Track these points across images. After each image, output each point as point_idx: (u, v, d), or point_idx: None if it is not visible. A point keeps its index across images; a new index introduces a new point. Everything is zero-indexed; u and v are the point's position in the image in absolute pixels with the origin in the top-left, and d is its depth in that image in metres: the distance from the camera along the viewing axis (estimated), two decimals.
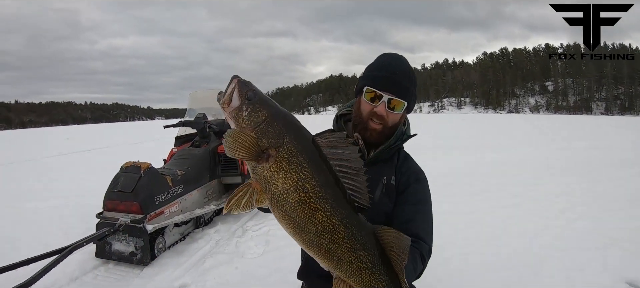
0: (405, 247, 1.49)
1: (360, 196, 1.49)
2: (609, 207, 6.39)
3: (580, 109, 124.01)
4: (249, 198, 1.46)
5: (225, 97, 1.49)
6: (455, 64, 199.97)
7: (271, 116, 1.46)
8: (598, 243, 4.88)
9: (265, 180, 1.43)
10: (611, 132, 21.50)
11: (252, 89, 1.50)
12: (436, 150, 14.68)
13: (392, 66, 1.91)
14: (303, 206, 1.42)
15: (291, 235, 1.49)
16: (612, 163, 10.48)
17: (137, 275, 4.65)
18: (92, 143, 23.43)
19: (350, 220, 1.47)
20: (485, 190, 8.05)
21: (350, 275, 1.51)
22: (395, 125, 1.95)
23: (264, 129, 1.44)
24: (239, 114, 1.46)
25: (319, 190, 1.42)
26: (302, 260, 2.23)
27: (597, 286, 3.90)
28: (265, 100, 1.51)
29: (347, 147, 1.48)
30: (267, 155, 1.42)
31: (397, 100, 1.87)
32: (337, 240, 1.45)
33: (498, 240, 5.14)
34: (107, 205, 4.98)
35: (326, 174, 1.45)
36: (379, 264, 1.51)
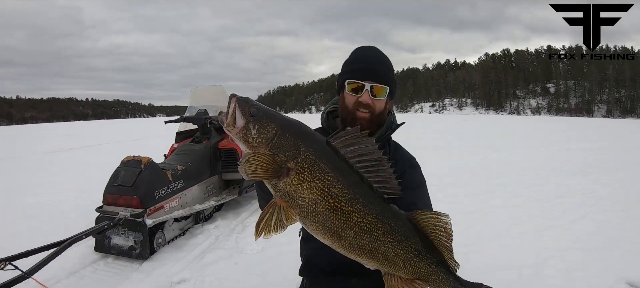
0: (447, 226, 1.49)
1: (389, 186, 1.46)
2: (610, 208, 6.38)
3: (582, 111, 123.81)
4: (277, 219, 1.40)
5: (228, 118, 1.44)
6: (457, 65, 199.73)
7: (281, 128, 1.42)
8: (599, 244, 4.87)
9: (290, 195, 1.39)
10: (612, 135, 21.42)
11: (253, 104, 1.46)
12: (438, 150, 14.74)
13: (368, 57, 1.96)
14: (335, 212, 1.39)
15: (330, 244, 1.46)
16: (613, 165, 10.47)
17: (136, 269, 4.63)
18: (93, 139, 23.43)
19: (386, 213, 1.45)
20: (487, 190, 8.05)
21: (399, 267, 1.49)
22: (382, 112, 1.97)
23: (278, 143, 1.40)
24: (247, 133, 1.41)
25: (347, 191, 1.39)
26: (302, 257, 2.22)
27: (597, 287, 3.88)
28: (270, 112, 1.47)
29: (363, 141, 1.45)
30: (286, 170, 1.38)
31: (379, 86, 1.90)
32: (378, 237, 1.43)
33: (499, 240, 5.13)
34: (107, 199, 4.98)
35: (350, 174, 1.42)
36: (424, 249, 1.49)
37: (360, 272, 1.71)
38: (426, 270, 1.50)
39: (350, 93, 1.92)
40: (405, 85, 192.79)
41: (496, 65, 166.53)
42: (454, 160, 12.46)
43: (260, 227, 1.41)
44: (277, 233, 1.40)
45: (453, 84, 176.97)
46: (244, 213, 6.62)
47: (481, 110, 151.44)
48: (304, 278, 2.26)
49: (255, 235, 1.42)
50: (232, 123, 1.43)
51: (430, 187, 2.02)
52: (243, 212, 6.70)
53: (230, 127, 1.43)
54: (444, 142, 18.52)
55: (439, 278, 1.52)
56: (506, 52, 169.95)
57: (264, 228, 1.41)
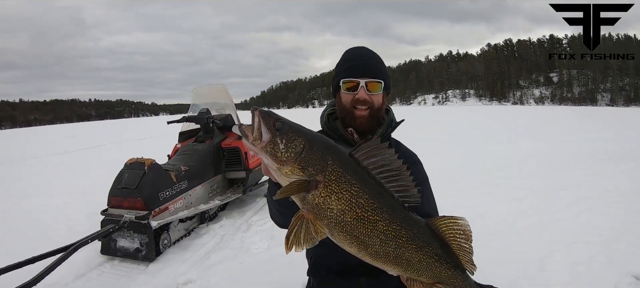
0: (465, 228, 1.54)
1: (409, 194, 1.50)
2: (615, 200, 6.33)
3: (585, 100, 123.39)
4: (306, 232, 1.44)
5: (254, 133, 1.44)
6: (459, 56, 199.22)
7: (308, 142, 1.44)
8: (604, 237, 4.84)
9: (319, 207, 1.42)
10: (617, 124, 21.33)
11: (277, 118, 1.46)
12: (440, 143, 14.74)
13: (359, 55, 2.02)
14: (363, 221, 1.42)
15: (356, 252, 1.49)
16: (617, 156, 10.39)
17: (142, 271, 4.66)
18: (97, 140, 23.50)
19: (408, 221, 1.49)
20: (490, 183, 8.04)
21: (421, 273, 1.53)
22: (380, 107, 2.02)
23: (306, 158, 1.41)
24: (275, 147, 1.41)
25: (373, 201, 1.43)
26: (309, 259, 2.25)
27: (603, 280, 3.87)
28: (295, 126, 1.49)
29: (383, 152, 1.48)
30: (315, 183, 1.41)
31: (374, 82, 1.96)
32: (402, 244, 1.47)
33: (503, 234, 5.12)
34: (112, 202, 5.01)
35: (373, 184, 1.45)
36: (444, 253, 1.54)
37: (368, 271, 1.76)
38: (446, 273, 1.55)
39: (346, 92, 1.98)
40: (407, 77, 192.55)
41: (499, 55, 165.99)
42: (456, 153, 12.46)
43: (291, 240, 1.44)
44: (308, 247, 1.43)
45: (456, 75, 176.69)
46: (249, 211, 6.64)
47: (484, 101, 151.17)
48: (311, 278, 2.28)
49: (286, 248, 1.44)
50: (258, 137, 1.43)
51: (433, 181, 2.07)
52: (248, 210, 6.72)
53: (257, 142, 1.43)
54: (446, 134, 18.52)
55: (457, 281, 1.57)
56: (508, 42, 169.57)
57: (294, 242, 1.44)
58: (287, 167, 1.42)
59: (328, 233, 1.46)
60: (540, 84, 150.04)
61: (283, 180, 1.47)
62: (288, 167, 1.42)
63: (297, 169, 1.41)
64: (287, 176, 1.44)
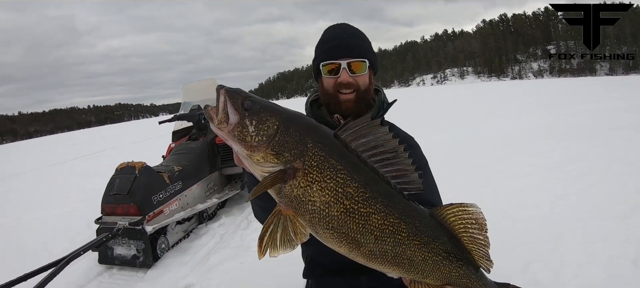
0: (477, 216, 1.30)
1: (408, 180, 1.28)
2: (627, 171, 6.10)
3: (584, 71, 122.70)
4: (284, 232, 1.22)
5: (219, 115, 1.21)
6: (455, 34, 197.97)
7: (283, 122, 1.22)
8: (619, 211, 4.64)
9: (298, 200, 1.20)
10: (618, 93, 21.05)
11: (247, 96, 1.24)
12: (440, 123, 14.52)
13: (338, 33, 1.81)
14: (352, 215, 1.20)
15: (347, 253, 1.27)
16: (622, 125, 10.14)
17: (141, 278, 4.53)
18: (97, 146, 23.36)
19: (409, 213, 1.27)
20: (496, 160, 7.82)
21: (427, 273, 1.31)
22: (367, 88, 1.81)
23: (281, 141, 1.19)
24: (244, 130, 1.19)
25: (364, 190, 1.20)
26: (305, 259, 2.05)
27: (621, 258, 3.67)
28: (269, 105, 1.27)
29: (375, 131, 1.26)
30: (292, 171, 1.19)
31: (356, 61, 1.75)
32: (402, 241, 1.25)
33: (513, 214, 4.92)
34: (105, 210, 4.84)
35: (364, 170, 1.23)
36: (454, 249, 1.32)
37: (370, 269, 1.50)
38: (457, 273, 1.33)
39: (328, 76, 1.77)
40: (404, 59, 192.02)
41: (495, 31, 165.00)
42: (457, 132, 12.21)
43: (265, 242, 1.21)
44: (284, 252, 1.21)
45: (453, 54, 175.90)
46: (249, 207, 6.42)
47: (483, 78, 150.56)
48: (309, 280, 2.09)
49: (259, 253, 1.22)
50: (223, 120, 1.21)
51: (433, 163, 1.85)
52: (248, 206, 6.52)
53: (223, 125, 1.21)
54: (446, 114, 18.28)
55: (470, 281, 1.35)
56: (504, 17, 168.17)
57: (269, 244, 1.21)
58: (259, 153, 1.20)
59: (312, 231, 1.24)
60: (538, 57, 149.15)
61: (256, 170, 1.24)
62: (259, 153, 1.20)
63: (270, 155, 1.19)
64: (259, 164, 1.21)
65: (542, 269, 3.65)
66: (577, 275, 3.50)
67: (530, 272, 3.62)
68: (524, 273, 3.60)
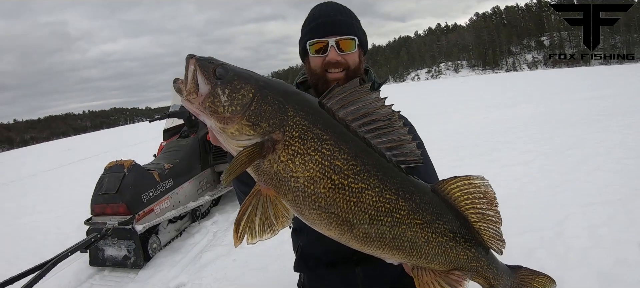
0: (485, 189, 1.16)
1: (406, 151, 1.13)
2: (628, 155, 6.01)
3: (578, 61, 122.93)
4: (264, 215, 1.06)
5: (188, 86, 1.06)
6: (449, 28, 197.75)
7: (260, 90, 1.06)
8: (621, 195, 4.54)
9: (278, 177, 1.04)
10: (613, 81, 20.96)
11: (219, 63, 1.08)
12: (437, 115, 14.42)
13: (325, 10, 1.67)
14: (342, 192, 1.05)
15: (338, 236, 1.11)
16: (619, 112, 10.03)
17: (132, 279, 4.39)
18: (92, 150, 23.16)
19: (408, 188, 1.11)
20: (494, 149, 7.71)
21: (431, 257, 1.16)
22: (357, 67, 1.66)
23: (258, 110, 1.04)
24: (215, 101, 1.04)
25: (355, 163, 1.05)
26: (296, 251, 1.91)
27: (626, 242, 3.54)
28: (243, 71, 1.11)
29: (365, 97, 1.10)
30: (271, 143, 1.03)
31: (345, 39, 1.61)
32: (401, 220, 1.10)
33: (513, 201, 4.80)
34: (95, 210, 4.71)
35: (354, 140, 1.08)
36: (460, 229, 1.17)
37: (365, 259, 1.42)
38: (465, 255, 1.18)
39: (315, 55, 1.63)
40: (399, 54, 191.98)
41: (488, 24, 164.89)
42: (454, 122, 12.13)
43: (242, 227, 1.06)
44: (264, 238, 1.06)
45: (446, 48, 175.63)
46: None
47: (477, 71, 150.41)
48: (301, 274, 1.96)
49: (235, 239, 1.07)
50: (193, 91, 1.05)
51: (432, 153, 1.71)
52: None
53: (192, 96, 1.06)
54: (442, 106, 18.17)
55: (480, 264, 1.21)
56: (496, 10, 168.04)
57: (246, 229, 1.06)
58: (233, 125, 1.04)
59: (297, 212, 1.08)
60: (532, 49, 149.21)
61: (231, 146, 1.08)
62: (234, 125, 1.04)
63: (245, 127, 1.04)
64: (234, 138, 1.05)
65: (547, 255, 3.52)
66: (584, 260, 3.38)
67: (535, 258, 3.49)
68: (527, 260, 3.46)
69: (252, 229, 1.05)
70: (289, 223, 1.10)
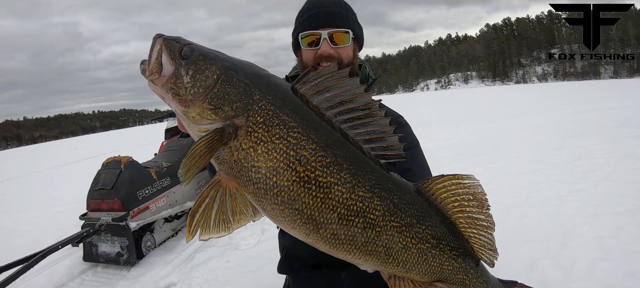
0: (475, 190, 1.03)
1: (386, 144, 1.00)
2: (636, 167, 5.87)
3: (589, 74, 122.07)
4: (220, 209, 0.96)
5: (151, 65, 0.97)
6: (459, 39, 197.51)
7: (225, 71, 0.96)
8: (630, 206, 4.40)
9: (239, 165, 0.93)
10: (624, 94, 20.72)
11: (186, 43, 0.98)
12: (445, 123, 14.28)
13: (319, 1, 1.57)
14: (307, 185, 0.92)
15: (303, 236, 0.98)
16: (629, 123, 9.89)
17: (123, 276, 4.31)
18: (99, 150, 23.23)
19: (385, 185, 0.98)
20: (501, 158, 7.55)
21: (410, 266, 1.02)
22: (351, 62, 1.55)
23: (221, 92, 0.93)
24: (178, 82, 0.94)
25: (324, 154, 0.93)
26: (281, 251, 1.80)
27: (635, 254, 3.42)
28: (210, 52, 1.00)
29: (343, 83, 0.98)
30: (232, 128, 0.92)
31: (339, 32, 1.51)
32: (375, 221, 0.96)
33: (519, 210, 4.68)
34: (91, 205, 4.64)
35: (327, 130, 0.96)
36: (445, 235, 1.03)
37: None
38: (450, 266, 1.04)
39: (308, 48, 1.53)
40: (408, 64, 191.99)
41: (498, 35, 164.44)
42: (462, 131, 11.99)
43: (196, 220, 0.95)
44: (218, 236, 0.95)
45: (456, 58, 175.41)
46: None
47: (487, 82, 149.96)
48: (287, 277, 1.85)
49: (187, 233, 0.96)
50: (156, 71, 0.96)
51: (440, 160, 1.57)
52: None
53: (154, 76, 0.96)
54: (451, 115, 18.03)
55: (468, 277, 1.06)
56: (507, 21, 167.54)
57: (201, 223, 0.95)
58: (194, 109, 0.93)
59: (259, 207, 0.96)
60: (542, 61, 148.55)
61: (193, 131, 0.97)
62: (195, 109, 0.93)
63: (207, 110, 0.93)
64: (195, 123, 0.94)
65: (551, 266, 3.39)
66: (590, 272, 3.24)
67: (538, 269, 3.36)
68: (531, 271, 3.34)
69: (207, 224, 0.95)
70: (246, 223, 0.99)
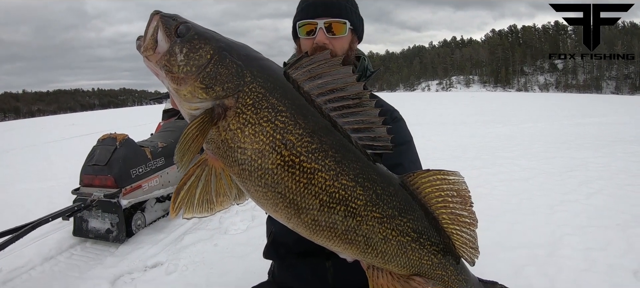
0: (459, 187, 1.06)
1: (374, 135, 1.01)
2: (629, 182, 5.87)
3: (590, 88, 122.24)
4: (205, 188, 0.98)
5: (146, 41, 0.98)
6: (463, 42, 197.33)
7: (219, 51, 0.97)
8: (620, 220, 4.41)
9: (226, 146, 0.95)
10: (624, 109, 20.75)
11: (183, 21, 0.99)
12: (443, 125, 14.29)
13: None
14: (291, 170, 0.94)
15: (284, 220, 1.00)
16: (626, 140, 9.88)
17: (111, 253, 4.30)
18: (96, 127, 23.17)
19: (369, 175, 1.00)
20: (496, 163, 7.56)
21: (389, 258, 1.03)
22: (347, 54, 1.56)
23: (213, 72, 0.95)
24: (172, 59, 0.96)
25: (310, 140, 0.94)
26: (268, 236, 1.82)
27: (620, 269, 3.42)
28: (207, 31, 1.01)
29: (334, 71, 0.99)
30: (221, 108, 0.94)
31: (335, 22, 1.50)
32: (356, 211, 0.98)
33: (509, 216, 4.68)
34: (84, 181, 4.63)
35: (316, 116, 0.97)
36: (427, 230, 1.04)
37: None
38: (429, 261, 1.06)
39: (305, 37, 1.53)
40: (411, 63, 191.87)
41: (503, 41, 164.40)
42: (459, 133, 12.00)
43: (180, 197, 0.97)
44: (201, 215, 0.98)
45: (460, 61, 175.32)
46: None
47: (488, 87, 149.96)
48: (272, 263, 1.90)
49: (171, 210, 0.98)
50: (151, 47, 0.98)
51: (435, 161, 1.58)
52: None
53: (149, 52, 0.98)
54: (449, 117, 18.03)
55: (447, 274, 1.08)
56: (513, 28, 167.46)
57: (185, 201, 0.97)
58: (186, 87, 0.95)
59: (243, 188, 0.97)
60: (545, 71, 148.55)
61: (184, 109, 0.99)
62: (187, 87, 0.95)
63: (198, 89, 0.94)
64: (187, 101, 0.96)
65: (537, 274, 3.39)
66: (575, 283, 3.25)
67: (524, 276, 3.37)
68: (516, 277, 3.35)
69: (191, 202, 0.97)
70: (229, 206, 1.02)
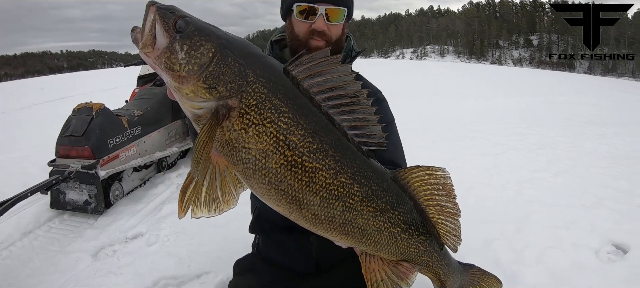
0: (444, 182, 1.15)
1: (370, 133, 1.08)
2: (597, 164, 6.08)
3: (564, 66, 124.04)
4: (210, 187, 1.01)
5: (144, 37, 0.98)
6: (440, 12, 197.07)
7: (221, 48, 0.99)
8: (585, 201, 4.60)
9: (230, 146, 0.99)
10: (596, 91, 21.25)
11: (182, 15, 1.00)
12: (417, 95, 14.38)
13: None
14: (294, 170, 1.00)
15: (286, 213, 1.07)
16: (597, 121, 10.12)
17: (90, 225, 4.30)
18: (66, 92, 22.50)
19: (365, 173, 1.07)
20: (467, 136, 7.75)
21: (381, 246, 1.14)
22: (339, 38, 1.61)
23: (216, 71, 0.97)
24: (172, 57, 0.97)
25: (312, 140, 1.00)
26: (253, 212, 1.90)
27: (584, 247, 3.62)
28: (206, 26, 1.03)
29: (334, 69, 1.04)
30: (225, 109, 0.97)
31: (336, 9, 1.53)
32: (353, 206, 1.07)
33: (479, 191, 4.84)
34: (59, 152, 4.56)
35: (315, 115, 1.02)
36: (415, 221, 1.15)
37: None
38: (417, 249, 1.17)
39: (301, 19, 1.53)
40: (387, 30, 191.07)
41: (480, 14, 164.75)
42: (432, 105, 12.15)
43: (187, 197, 1.01)
44: (208, 215, 1.02)
45: (435, 31, 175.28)
46: None
47: (463, 59, 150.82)
48: (256, 236, 1.98)
49: (180, 210, 1.02)
50: (149, 43, 0.98)
51: (408, 133, 1.66)
52: None
53: (148, 49, 0.99)
54: (423, 87, 18.15)
55: (432, 259, 1.20)
56: (491, 2, 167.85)
57: (192, 200, 1.01)
58: (188, 86, 0.98)
59: (246, 184, 1.04)
60: (520, 46, 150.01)
61: (186, 106, 1.02)
62: (189, 86, 0.98)
63: (201, 89, 0.97)
64: (189, 99, 0.99)
65: (505, 248, 3.57)
66: (540, 258, 3.44)
67: (492, 249, 3.54)
68: (485, 251, 3.52)
69: (198, 201, 1.02)
70: (235, 205, 1.07)
